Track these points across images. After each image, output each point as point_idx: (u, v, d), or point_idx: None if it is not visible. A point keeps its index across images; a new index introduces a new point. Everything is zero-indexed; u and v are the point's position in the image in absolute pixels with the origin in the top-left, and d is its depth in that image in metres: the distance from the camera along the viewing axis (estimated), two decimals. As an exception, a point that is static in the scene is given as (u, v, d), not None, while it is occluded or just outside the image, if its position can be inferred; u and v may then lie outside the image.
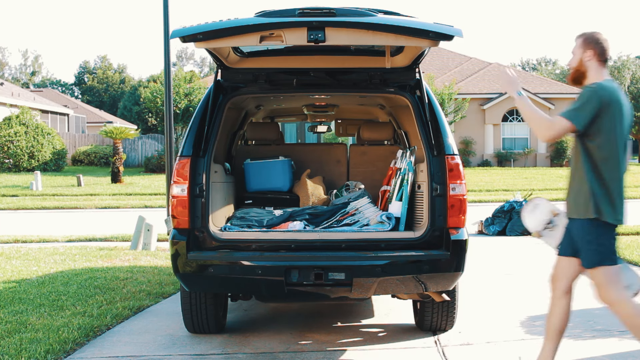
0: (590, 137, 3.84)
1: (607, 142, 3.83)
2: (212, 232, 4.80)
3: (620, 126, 3.85)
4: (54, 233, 12.76)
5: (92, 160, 36.28)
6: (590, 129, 3.82)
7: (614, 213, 3.90)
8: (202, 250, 4.76)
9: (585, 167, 3.89)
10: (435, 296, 5.00)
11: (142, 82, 61.03)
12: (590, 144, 3.85)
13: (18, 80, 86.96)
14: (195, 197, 4.81)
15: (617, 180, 3.89)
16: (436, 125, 4.96)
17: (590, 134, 3.84)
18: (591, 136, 3.84)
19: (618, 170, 3.88)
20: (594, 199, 3.87)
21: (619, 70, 45.64)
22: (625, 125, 3.88)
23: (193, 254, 4.71)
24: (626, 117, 3.89)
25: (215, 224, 5.07)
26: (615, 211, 3.90)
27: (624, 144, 3.89)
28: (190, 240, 4.75)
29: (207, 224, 4.80)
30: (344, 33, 4.45)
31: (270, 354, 4.84)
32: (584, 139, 3.87)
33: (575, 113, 3.81)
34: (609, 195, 3.87)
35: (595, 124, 3.81)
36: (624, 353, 4.70)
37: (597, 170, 3.86)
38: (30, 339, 5.06)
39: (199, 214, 4.79)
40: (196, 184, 4.83)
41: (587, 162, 3.88)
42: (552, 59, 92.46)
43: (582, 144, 3.89)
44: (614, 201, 3.88)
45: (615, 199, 3.88)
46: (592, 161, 3.87)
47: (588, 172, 3.88)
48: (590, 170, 3.87)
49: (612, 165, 3.86)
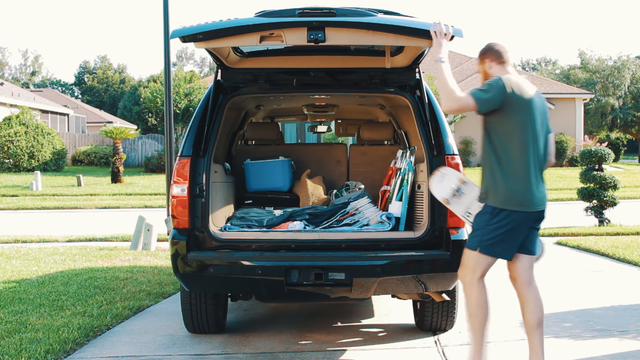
0: (492, 123, 4.05)
1: (506, 131, 4.00)
2: (212, 232, 4.80)
3: (521, 117, 4.00)
4: (54, 233, 12.76)
5: (92, 160, 36.27)
6: (493, 116, 4.02)
7: (497, 198, 4.03)
8: (202, 250, 4.76)
9: (484, 152, 4.13)
10: (435, 296, 5.00)
11: (142, 82, 61.00)
12: (492, 130, 4.06)
13: (18, 80, 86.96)
14: (195, 197, 4.81)
15: (511, 168, 4.00)
16: (436, 125, 4.96)
17: (492, 120, 4.04)
18: (493, 123, 4.04)
19: (513, 158, 4.00)
20: (485, 183, 4.12)
21: (619, 70, 45.56)
22: (531, 117, 4.02)
23: (193, 254, 4.71)
24: (533, 109, 4.04)
25: (215, 224, 5.07)
26: (498, 197, 4.02)
27: (532, 135, 4.02)
28: (190, 240, 4.75)
29: (207, 224, 4.80)
30: (344, 33, 4.45)
31: (270, 354, 4.84)
32: (488, 124, 4.07)
33: (481, 94, 3.98)
34: (496, 181, 4.03)
35: (498, 112, 4.00)
36: (624, 353, 4.70)
37: (492, 156, 4.06)
38: (30, 339, 5.06)
39: (199, 214, 4.79)
40: (196, 184, 4.83)
41: (486, 146, 4.11)
42: (552, 59, 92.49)
43: (486, 130, 4.10)
44: (499, 187, 4.02)
45: (500, 185, 4.01)
46: (491, 147, 4.07)
47: (484, 157, 4.14)
48: (487, 155, 4.10)
49: (508, 153, 4.01)
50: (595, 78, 45.92)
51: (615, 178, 12.91)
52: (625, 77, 45.39)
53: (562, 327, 5.44)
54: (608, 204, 12.89)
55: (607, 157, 12.85)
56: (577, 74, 47.25)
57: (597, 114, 46.38)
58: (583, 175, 13.07)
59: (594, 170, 13.01)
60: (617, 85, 45.46)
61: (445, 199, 4.46)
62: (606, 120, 47.04)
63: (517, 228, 4.05)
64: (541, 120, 4.10)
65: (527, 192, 4.01)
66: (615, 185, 12.80)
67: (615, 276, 7.86)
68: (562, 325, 5.50)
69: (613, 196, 12.85)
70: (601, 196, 12.83)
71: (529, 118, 4.02)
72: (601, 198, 12.85)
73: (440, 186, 4.48)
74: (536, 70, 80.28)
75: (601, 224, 12.85)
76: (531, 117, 4.03)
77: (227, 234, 4.89)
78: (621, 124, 47.87)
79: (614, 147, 47.41)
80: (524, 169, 4.00)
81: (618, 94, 45.77)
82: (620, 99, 46.48)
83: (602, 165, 13.08)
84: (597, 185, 12.87)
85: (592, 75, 46.24)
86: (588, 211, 13.15)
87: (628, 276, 7.84)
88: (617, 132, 51.75)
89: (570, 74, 48.66)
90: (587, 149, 13.12)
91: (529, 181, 4.01)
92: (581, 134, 36.23)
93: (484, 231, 4.07)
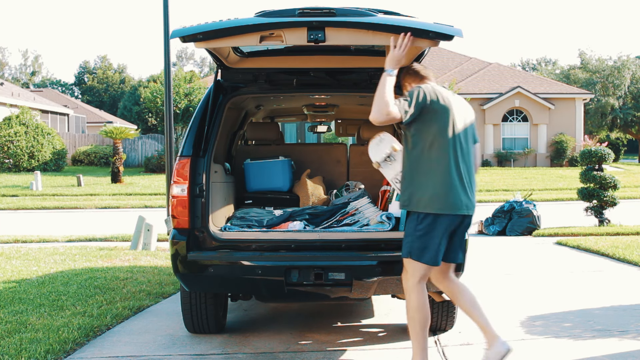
0: (413, 130, 4.14)
1: (428, 137, 4.10)
2: (212, 232, 4.79)
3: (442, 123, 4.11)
4: (54, 233, 12.77)
5: (92, 160, 36.27)
6: (415, 123, 4.12)
7: (420, 203, 4.12)
8: (202, 250, 4.76)
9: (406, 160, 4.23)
10: (435, 296, 4.99)
11: (142, 82, 60.99)
12: (412, 137, 4.15)
13: (18, 80, 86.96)
14: (195, 197, 4.81)
15: (432, 173, 4.10)
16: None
17: (413, 127, 4.13)
18: (414, 130, 4.14)
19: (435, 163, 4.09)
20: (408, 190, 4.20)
21: (619, 70, 45.57)
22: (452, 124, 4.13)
23: (193, 254, 4.71)
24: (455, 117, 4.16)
25: (215, 224, 5.07)
26: (420, 202, 4.11)
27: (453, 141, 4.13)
28: (190, 240, 4.75)
29: (207, 224, 4.79)
30: (344, 33, 4.44)
31: (270, 354, 4.84)
32: (408, 132, 4.17)
33: (404, 104, 4.07)
34: (418, 187, 4.12)
35: (419, 120, 4.11)
36: (624, 353, 4.70)
37: (414, 163, 4.17)
38: (30, 339, 5.06)
39: (199, 214, 4.79)
40: (196, 184, 4.82)
41: (408, 153, 4.20)
42: (552, 59, 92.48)
43: (406, 137, 4.21)
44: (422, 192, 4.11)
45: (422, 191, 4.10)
46: (413, 153, 4.16)
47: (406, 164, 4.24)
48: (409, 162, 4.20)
49: (430, 159, 4.11)
50: (595, 78, 45.92)
51: (615, 178, 12.92)
52: (625, 77, 45.39)
53: (562, 327, 5.44)
54: (608, 204, 12.90)
55: (607, 157, 12.85)
56: (577, 74, 47.27)
57: (597, 114, 46.38)
58: (583, 175, 13.08)
59: (594, 170, 13.01)
60: (617, 85, 45.47)
61: (377, 163, 4.60)
62: (606, 120, 47.05)
63: (444, 233, 4.13)
64: (465, 128, 4.23)
65: (450, 196, 4.09)
66: (615, 185, 12.81)
67: (615, 276, 7.86)
68: (562, 325, 5.50)
69: (613, 196, 12.86)
70: (601, 196, 12.83)
71: (450, 125, 4.14)
72: (601, 198, 12.85)
73: (376, 149, 4.61)
74: (536, 70, 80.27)
75: (601, 224, 12.86)
76: (452, 124, 4.15)
77: (227, 234, 4.89)
78: (621, 124, 47.87)
79: (614, 147, 47.44)
80: (445, 173, 4.09)
81: (618, 94, 45.78)
82: (620, 99, 46.48)
83: (602, 165, 13.08)
84: (597, 185, 12.87)
85: (592, 75, 46.25)
86: (588, 211, 13.16)
87: (628, 276, 7.84)
88: (617, 132, 51.76)
89: (570, 74, 48.67)
90: (587, 149, 13.13)
91: (451, 185, 4.09)
92: (581, 134, 36.24)
93: (412, 237, 4.15)
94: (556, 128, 36.70)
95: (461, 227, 4.23)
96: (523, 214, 12.46)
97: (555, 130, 36.63)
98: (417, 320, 4.16)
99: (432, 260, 4.13)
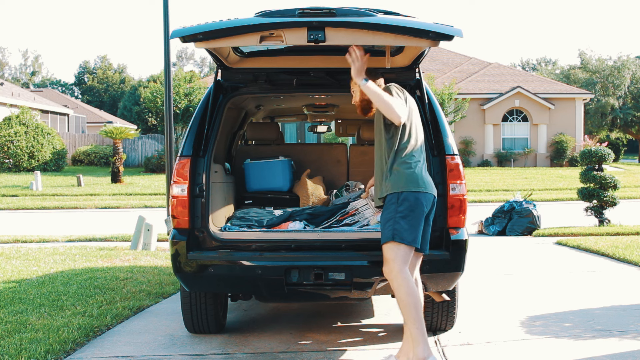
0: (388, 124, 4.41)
1: (403, 127, 4.41)
2: (212, 232, 4.79)
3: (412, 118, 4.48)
4: (54, 233, 12.76)
5: (92, 160, 36.27)
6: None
7: (397, 184, 4.34)
8: (202, 250, 4.76)
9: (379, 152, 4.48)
10: (435, 296, 4.99)
11: (142, 82, 61.02)
12: (389, 127, 4.41)
13: (18, 80, 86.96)
14: (195, 197, 4.81)
15: (407, 157, 4.38)
16: (436, 125, 4.95)
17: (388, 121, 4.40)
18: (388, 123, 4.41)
19: (408, 148, 4.39)
20: (385, 182, 4.42)
21: (619, 70, 45.58)
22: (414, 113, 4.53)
23: (193, 254, 4.71)
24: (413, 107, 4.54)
25: (215, 224, 5.07)
26: (398, 183, 4.34)
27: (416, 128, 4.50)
28: (190, 240, 4.75)
29: (207, 224, 4.79)
30: (344, 33, 4.44)
31: (270, 354, 4.84)
32: (385, 122, 4.42)
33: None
34: (394, 171, 4.37)
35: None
36: (624, 353, 4.70)
37: (386, 152, 4.41)
38: (30, 339, 5.06)
39: (199, 214, 4.79)
40: (196, 184, 4.82)
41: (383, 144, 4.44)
42: (552, 59, 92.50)
43: (383, 128, 4.44)
44: (398, 174, 4.35)
45: (399, 173, 4.35)
46: (388, 143, 4.41)
47: (379, 156, 4.48)
48: (383, 152, 4.44)
49: (404, 146, 4.39)
50: (595, 78, 45.93)
51: (615, 178, 12.91)
52: (625, 77, 45.40)
53: (562, 327, 5.44)
54: (608, 204, 12.90)
55: (607, 157, 12.85)
56: (577, 74, 47.29)
57: (597, 114, 46.39)
58: (583, 175, 13.07)
59: (594, 170, 13.01)
60: (617, 85, 45.49)
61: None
62: (606, 120, 47.06)
63: (423, 212, 4.31)
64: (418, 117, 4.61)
65: (426, 177, 4.39)
66: (615, 185, 12.80)
67: (615, 276, 7.86)
68: (562, 325, 5.50)
69: (613, 196, 12.86)
70: (601, 196, 12.83)
71: (414, 114, 4.53)
72: (601, 198, 12.85)
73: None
74: (536, 70, 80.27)
75: (601, 224, 12.85)
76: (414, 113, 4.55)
77: (227, 234, 4.89)
78: (621, 124, 47.89)
79: (614, 147, 47.46)
80: (417, 157, 4.40)
81: (618, 94, 45.79)
82: (620, 99, 46.50)
83: (602, 165, 13.08)
84: (597, 185, 12.87)
85: (592, 75, 46.26)
86: (588, 211, 13.16)
87: (628, 276, 7.84)
88: (617, 132, 51.78)
89: (570, 74, 48.70)
90: (587, 149, 13.13)
91: (422, 168, 4.41)
92: (581, 134, 36.25)
93: (394, 220, 4.26)
94: (556, 128, 36.71)
95: (432, 211, 4.42)
96: (523, 214, 12.46)
97: (555, 130, 36.64)
98: (411, 305, 4.19)
99: (416, 241, 4.26)
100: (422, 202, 4.29)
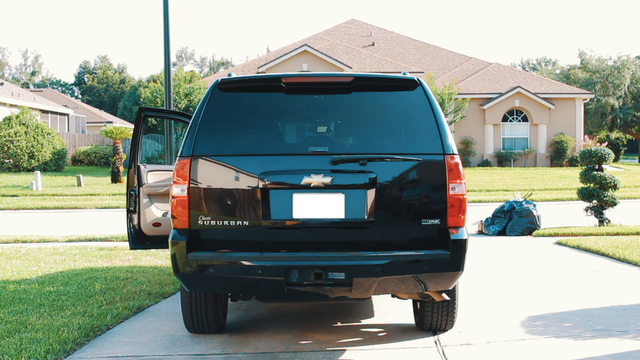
0: None
1: None
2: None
3: None
4: (54, 233, 12.76)
5: (92, 160, 36.28)
6: None
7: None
8: (202, 250, 4.76)
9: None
10: (435, 296, 5.00)
11: (142, 82, 60.98)
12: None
13: (18, 80, 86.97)
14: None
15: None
16: (436, 125, 4.95)
17: None
18: None
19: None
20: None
21: (619, 70, 45.58)
22: None
23: (193, 254, 4.71)
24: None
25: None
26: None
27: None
28: (190, 240, 4.75)
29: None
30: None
31: (270, 354, 4.84)
32: None
33: None
34: None
35: None
36: (624, 353, 4.70)
37: None
38: (30, 339, 5.06)
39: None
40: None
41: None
42: (552, 59, 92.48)
43: None
44: None
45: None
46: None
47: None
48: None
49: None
50: (595, 78, 45.94)
51: (615, 178, 12.91)
52: (625, 77, 45.41)
53: (562, 327, 5.44)
54: (608, 204, 12.89)
55: (607, 157, 12.85)
56: (577, 74, 47.29)
57: (597, 114, 46.41)
58: (583, 175, 13.07)
59: (594, 170, 13.01)
60: (617, 85, 45.49)
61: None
62: (606, 120, 47.07)
63: None
64: None
65: None
66: (615, 185, 12.80)
67: (615, 276, 7.86)
68: (562, 325, 5.50)
69: (613, 196, 12.85)
70: (601, 196, 12.83)
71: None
72: (601, 198, 12.85)
73: None
74: (536, 70, 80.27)
75: (601, 224, 12.85)
76: None
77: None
78: (621, 124, 47.89)
79: (614, 147, 47.47)
80: None
81: (618, 94, 45.80)
82: (620, 99, 46.50)
83: (602, 165, 13.08)
84: (597, 185, 12.87)
85: (592, 75, 46.27)
86: (588, 211, 13.16)
87: (628, 276, 7.84)
88: (617, 132, 51.80)
89: (570, 74, 48.69)
90: (587, 149, 13.12)
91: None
92: (581, 134, 36.25)
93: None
94: (556, 128, 36.71)
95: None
96: (523, 214, 12.46)
97: (555, 130, 36.64)
98: None
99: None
100: None
